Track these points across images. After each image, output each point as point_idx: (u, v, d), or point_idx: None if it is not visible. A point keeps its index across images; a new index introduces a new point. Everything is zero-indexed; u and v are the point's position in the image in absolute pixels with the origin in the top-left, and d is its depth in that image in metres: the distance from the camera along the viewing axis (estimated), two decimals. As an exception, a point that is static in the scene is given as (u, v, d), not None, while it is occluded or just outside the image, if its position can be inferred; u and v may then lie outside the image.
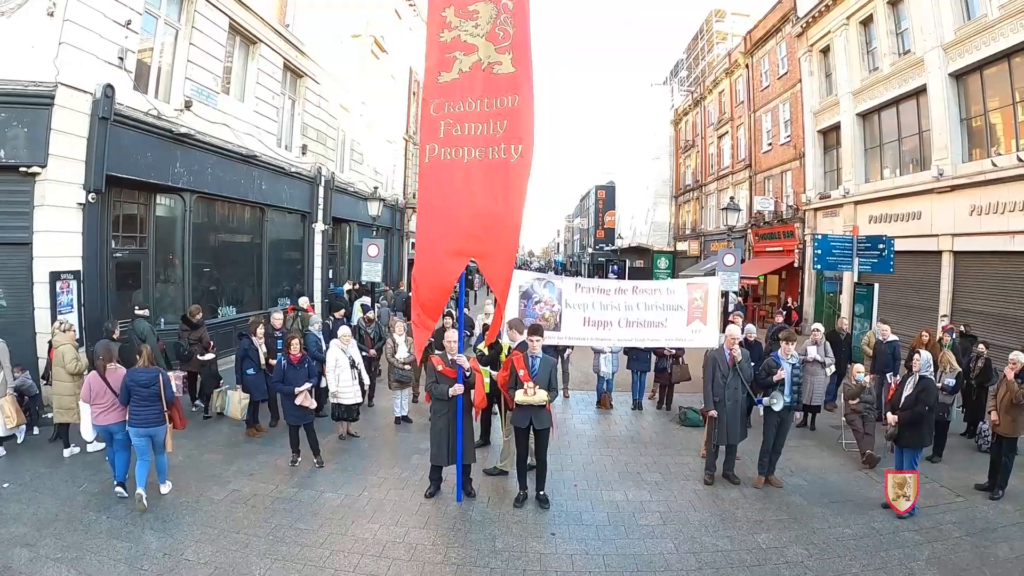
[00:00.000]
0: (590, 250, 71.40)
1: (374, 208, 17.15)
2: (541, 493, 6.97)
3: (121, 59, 10.04)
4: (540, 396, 6.65)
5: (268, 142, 15.20)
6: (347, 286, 19.37)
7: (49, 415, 8.41)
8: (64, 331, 8.02)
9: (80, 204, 9.36)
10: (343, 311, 12.52)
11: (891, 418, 7.05)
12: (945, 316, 14.10)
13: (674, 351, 11.07)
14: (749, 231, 28.77)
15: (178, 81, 11.83)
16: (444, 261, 6.45)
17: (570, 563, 5.61)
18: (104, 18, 9.72)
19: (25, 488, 6.76)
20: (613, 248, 56.04)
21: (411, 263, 19.56)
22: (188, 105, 11.71)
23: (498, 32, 6.18)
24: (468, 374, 6.88)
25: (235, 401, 8.75)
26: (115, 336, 8.65)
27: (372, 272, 14.98)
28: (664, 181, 45.54)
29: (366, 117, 22.78)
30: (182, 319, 10.36)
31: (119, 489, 6.63)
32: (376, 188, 18.75)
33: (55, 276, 9.00)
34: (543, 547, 5.92)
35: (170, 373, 7.86)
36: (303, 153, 17.42)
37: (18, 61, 8.84)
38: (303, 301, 12.96)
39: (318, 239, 18.75)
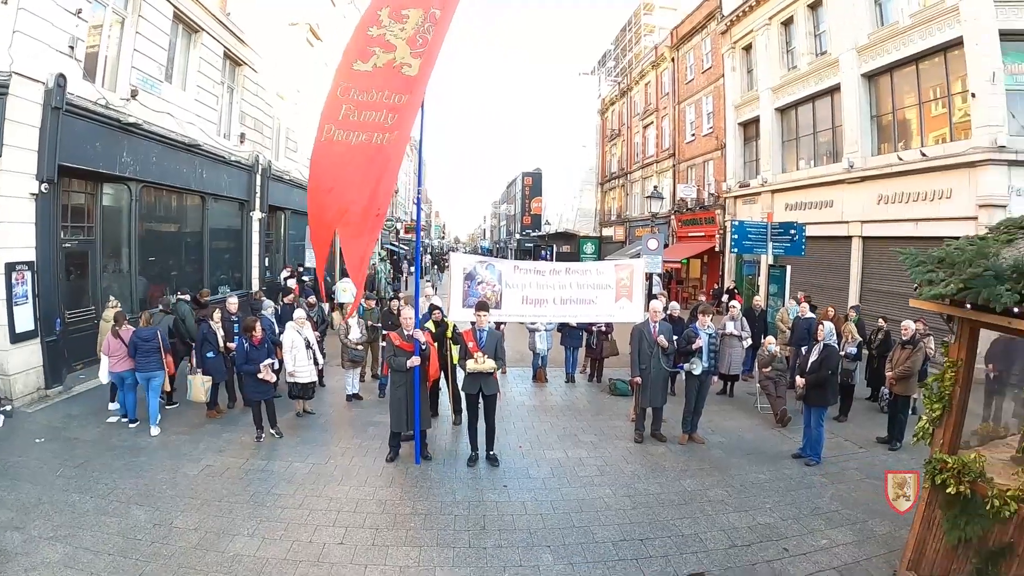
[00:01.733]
0: (517, 236, 72.01)
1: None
2: (491, 453, 7.80)
3: (72, 48, 10.05)
4: (488, 364, 7.51)
5: (209, 131, 15.28)
6: (284, 273, 19.49)
7: (7, 407, 8.81)
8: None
9: (33, 194, 9.40)
10: (292, 296, 12.87)
11: (800, 381, 8.20)
12: (856, 305, 15.60)
13: (603, 328, 12.08)
14: (672, 217, 30.21)
15: (124, 70, 11.86)
16: (327, 232, 6.93)
17: (523, 508, 6.48)
18: (56, 6, 9.72)
19: (1, 476, 6.91)
20: (540, 234, 57.09)
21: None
22: (134, 94, 11.77)
23: (418, 38, 6.73)
24: (424, 347, 7.60)
25: (197, 384, 9.10)
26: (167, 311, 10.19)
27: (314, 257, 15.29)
28: (590, 169, 46.98)
29: (301, 105, 22.83)
30: (192, 300, 11.09)
31: (131, 426, 8.58)
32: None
33: (10, 267, 9.09)
34: (498, 497, 6.78)
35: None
36: (241, 142, 17.49)
37: (-29, 51, 8.83)
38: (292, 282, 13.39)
39: (255, 227, 18.83)
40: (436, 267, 48.56)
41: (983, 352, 8.45)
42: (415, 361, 7.43)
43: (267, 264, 20.35)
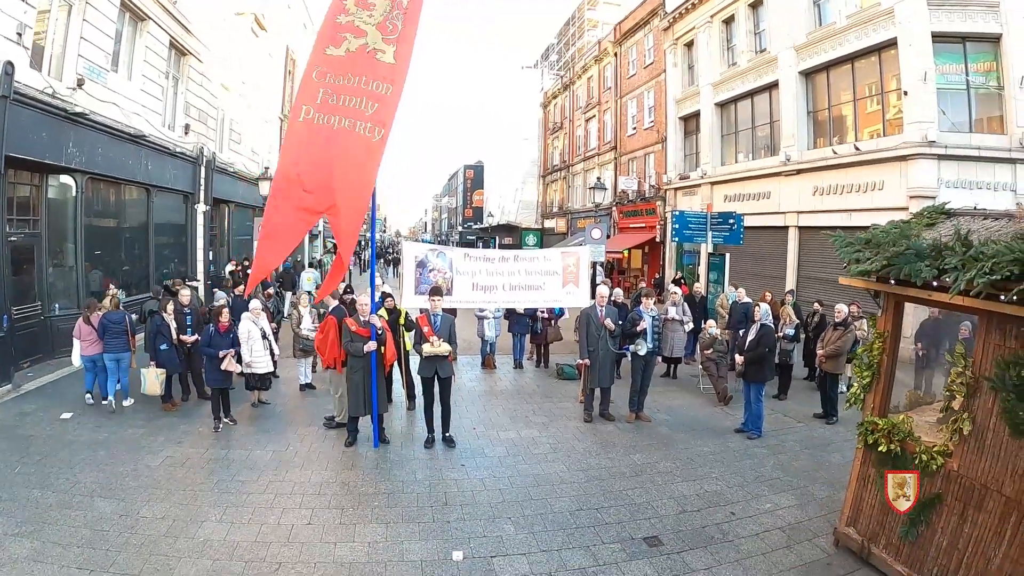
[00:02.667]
0: (459, 228, 71.87)
1: (265, 188, 17.24)
2: (447, 435, 8.09)
3: (19, 35, 9.83)
4: (444, 348, 7.79)
5: (154, 122, 15.01)
6: (229, 267, 19.27)
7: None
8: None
9: None
10: (241, 287, 12.78)
11: (739, 359, 8.76)
12: (792, 290, 16.39)
13: (547, 314, 12.54)
14: (614, 209, 30.82)
15: (71, 58, 11.60)
16: (291, 214, 6.73)
17: (482, 484, 6.80)
18: None
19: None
20: (482, 226, 57.31)
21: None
22: (80, 83, 11.53)
23: (388, 25, 6.93)
24: (380, 332, 7.83)
25: (151, 377, 8.95)
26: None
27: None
28: (532, 161, 47.31)
29: (245, 96, 22.50)
30: (165, 289, 11.71)
31: (104, 402, 9.14)
32: (267, 169, 18.68)
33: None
34: (457, 475, 7.08)
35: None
36: (186, 133, 17.22)
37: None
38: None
39: (200, 220, 18.51)
40: (381, 260, 48.30)
41: (914, 333, 9.31)
42: (372, 346, 7.65)
43: (211, 258, 20.00)
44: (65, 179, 11.91)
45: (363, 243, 40.73)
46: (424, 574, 4.99)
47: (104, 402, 9.17)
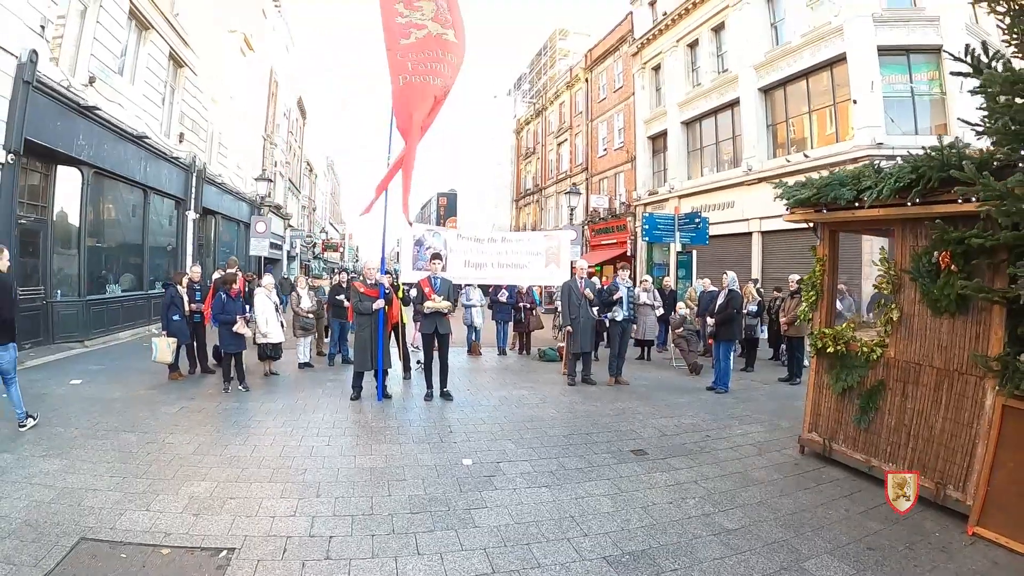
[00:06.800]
0: (432, 254, 72.83)
1: (263, 188, 17.91)
2: (444, 390, 8.73)
3: (43, 28, 10.47)
4: (444, 304, 8.53)
5: (153, 127, 15.61)
6: (216, 275, 19.63)
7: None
8: None
9: (0, 164, 9.69)
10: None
11: (710, 321, 9.64)
12: (756, 279, 17.48)
13: (528, 304, 13.36)
14: (586, 227, 31.85)
15: (84, 56, 12.27)
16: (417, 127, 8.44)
17: (481, 421, 7.51)
18: None
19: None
20: (455, 252, 58.09)
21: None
22: (92, 80, 12.17)
23: (441, 18, 8.51)
24: (387, 292, 8.57)
25: (163, 346, 9.40)
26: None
27: (259, 247, 15.82)
28: (506, 186, 48.53)
29: (233, 112, 23.18)
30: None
31: None
32: (264, 171, 19.30)
33: (-28, 233, 9.29)
34: (458, 415, 7.76)
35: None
36: (180, 141, 17.80)
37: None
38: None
39: (190, 227, 19.02)
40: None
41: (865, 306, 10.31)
42: (380, 303, 8.36)
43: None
44: (73, 170, 12.43)
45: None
46: (439, 473, 5.59)
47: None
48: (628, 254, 27.50)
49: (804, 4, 17.88)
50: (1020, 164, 4.06)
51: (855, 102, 15.44)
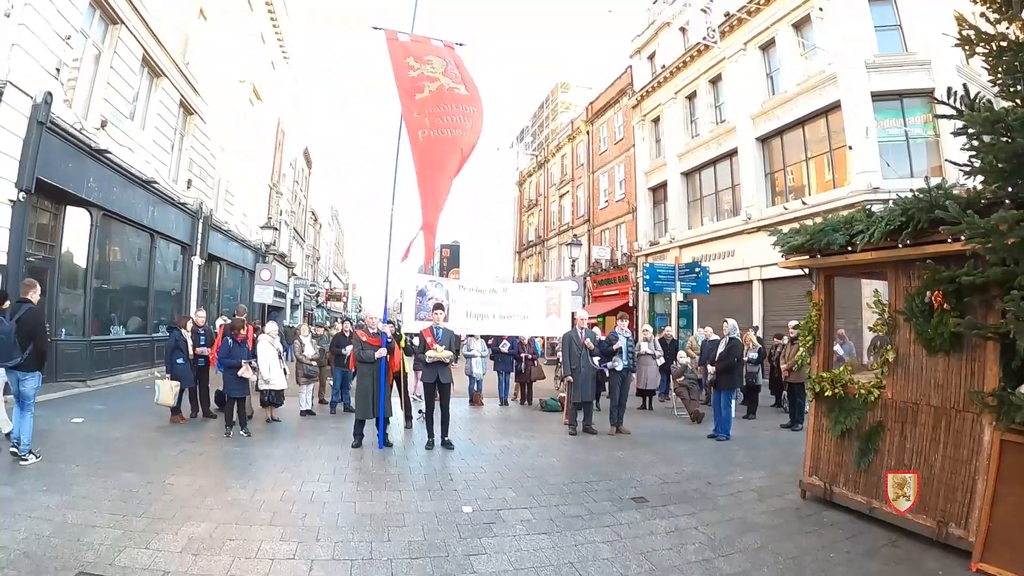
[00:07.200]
0: (436, 305, 73.29)
1: (268, 236, 18.15)
2: (446, 438, 8.69)
3: (58, 71, 10.82)
4: (445, 353, 8.59)
5: (162, 172, 15.94)
6: (220, 321, 19.73)
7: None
8: None
9: (11, 201, 9.87)
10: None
11: (711, 368, 9.68)
12: (756, 326, 17.51)
13: (530, 355, 13.42)
14: (588, 279, 32.07)
15: (97, 100, 12.64)
16: (441, 199, 8.78)
17: (482, 469, 7.47)
18: (50, 29, 10.55)
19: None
20: (459, 304, 58.39)
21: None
22: (104, 124, 12.53)
23: (450, 72, 8.80)
24: (389, 340, 8.65)
25: (166, 389, 9.45)
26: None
27: (264, 295, 15.96)
28: (508, 238, 49.10)
29: (240, 161, 23.66)
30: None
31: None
32: (269, 219, 19.62)
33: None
34: (459, 463, 7.73)
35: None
36: (188, 187, 18.12)
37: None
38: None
39: (195, 273, 19.21)
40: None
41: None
42: (382, 352, 8.41)
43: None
44: (82, 211, 12.65)
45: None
46: (439, 520, 5.56)
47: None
48: (630, 304, 27.61)
49: (798, 53, 18.48)
50: (1007, 201, 4.19)
51: (851, 148, 15.79)
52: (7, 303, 6.93)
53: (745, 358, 11.20)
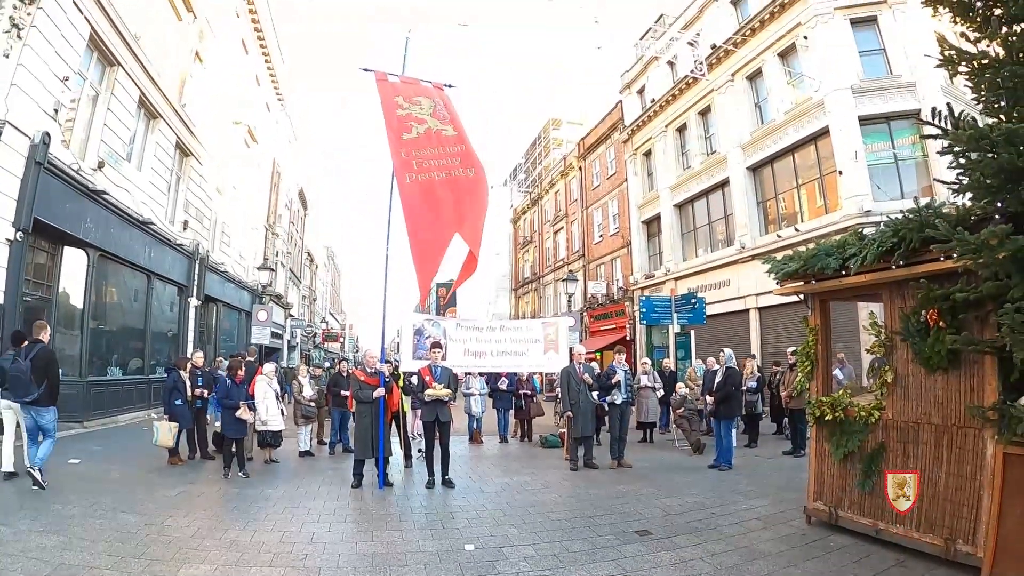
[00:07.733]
0: (433, 344, 73.17)
1: (265, 277, 18.18)
2: (446, 477, 8.59)
3: (56, 112, 10.96)
4: (444, 391, 8.55)
5: (158, 213, 16.06)
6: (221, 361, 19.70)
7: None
8: None
9: (8, 240, 9.92)
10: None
11: (709, 399, 9.66)
12: (753, 355, 17.51)
13: (529, 391, 13.42)
14: (584, 314, 32.13)
15: (94, 141, 12.81)
16: (432, 242, 8.64)
17: (483, 507, 7.37)
18: (48, 70, 10.72)
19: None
20: (456, 342, 58.30)
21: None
22: (101, 165, 12.67)
23: (439, 115, 8.89)
24: (387, 380, 8.64)
25: (164, 430, 9.41)
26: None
27: (261, 336, 15.94)
28: (504, 275, 49.29)
29: (236, 202, 23.84)
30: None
31: None
32: (266, 260, 19.70)
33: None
34: (460, 502, 7.64)
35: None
36: (184, 228, 18.22)
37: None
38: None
39: (192, 314, 19.22)
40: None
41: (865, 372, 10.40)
42: (381, 392, 8.40)
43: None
44: (79, 252, 12.71)
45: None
46: (441, 559, 5.48)
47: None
48: (628, 338, 27.55)
49: (785, 82, 18.83)
50: (996, 216, 4.26)
51: (841, 173, 15.99)
52: (25, 343, 7.42)
53: (744, 387, 11.21)
